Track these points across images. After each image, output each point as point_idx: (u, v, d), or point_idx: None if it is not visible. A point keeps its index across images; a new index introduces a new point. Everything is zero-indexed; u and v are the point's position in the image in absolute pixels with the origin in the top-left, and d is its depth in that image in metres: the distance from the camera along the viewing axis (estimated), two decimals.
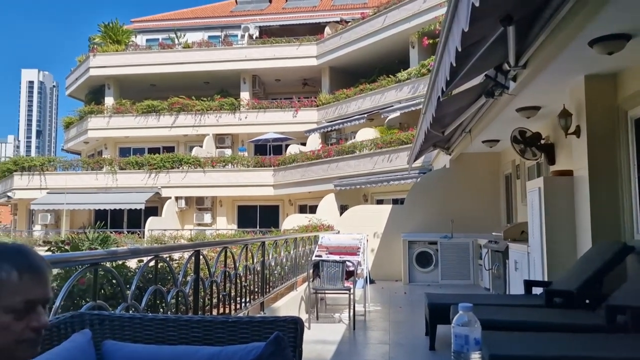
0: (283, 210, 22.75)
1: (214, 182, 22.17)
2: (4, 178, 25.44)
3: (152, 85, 25.56)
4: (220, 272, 4.40)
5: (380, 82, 19.81)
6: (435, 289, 8.91)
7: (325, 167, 18.93)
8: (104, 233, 14.15)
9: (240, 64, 23.49)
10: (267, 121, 23.12)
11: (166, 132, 24.11)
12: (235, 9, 29.75)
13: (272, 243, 6.32)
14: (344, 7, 26.95)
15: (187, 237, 20.41)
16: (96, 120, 24.62)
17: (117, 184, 22.80)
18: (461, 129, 8.33)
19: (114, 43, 25.27)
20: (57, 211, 23.38)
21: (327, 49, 22.18)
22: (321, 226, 13.32)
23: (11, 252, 1.11)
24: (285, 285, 6.81)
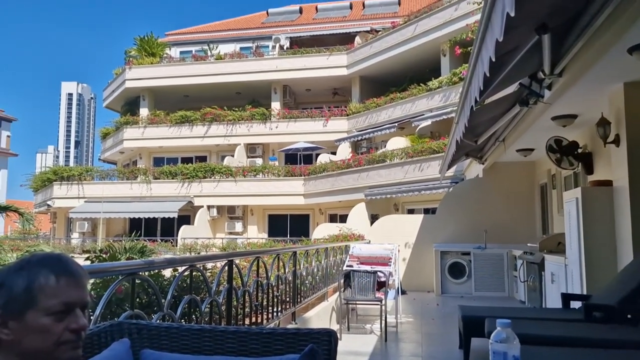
0: (313, 219, 22.78)
1: (245, 192, 22.40)
2: (44, 187, 26.31)
3: (186, 96, 26.08)
4: (252, 282, 4.44)
5: (411, 90, 19.70)
6: (469, 301, 8.76)
7: (355, 176, 18.89)
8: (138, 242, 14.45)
9: (271, 74, 23.76)
10: (298, 130, 23.27)
11: (199, 142, 24.53)
12: (266, 20, 30.15)
13: (303, 253, 6.33)
14: (375, 16, 26.98)
15: (218, 245, 20.64)
16: (131, 130, 25.25)
17: (151, 193, 23.28)
18: (494, 138, 8.20)
19: (149, 56, 25.92)
20: (94, 219, 24.02)
21: (357, 59, 22.22)
22: (352, 236, 13.28)
23: (49, 259, 1.19)
24: (316, 295, 6.81)
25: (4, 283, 1.14)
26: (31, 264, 1.17)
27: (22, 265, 1.17)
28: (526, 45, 4.01)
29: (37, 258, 1.19)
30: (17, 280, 1.13)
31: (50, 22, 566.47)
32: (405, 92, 20.06)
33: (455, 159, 9.50)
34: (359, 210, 17.02)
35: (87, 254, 5.62)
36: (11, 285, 1.13)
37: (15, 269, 1.16)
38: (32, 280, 1.13)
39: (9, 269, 1.17)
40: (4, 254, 14.99)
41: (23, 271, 1.15)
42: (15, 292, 1.12)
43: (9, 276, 1.15)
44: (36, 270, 1.15)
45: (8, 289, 1.13)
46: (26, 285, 1.13)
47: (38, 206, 27.79)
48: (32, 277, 1.14)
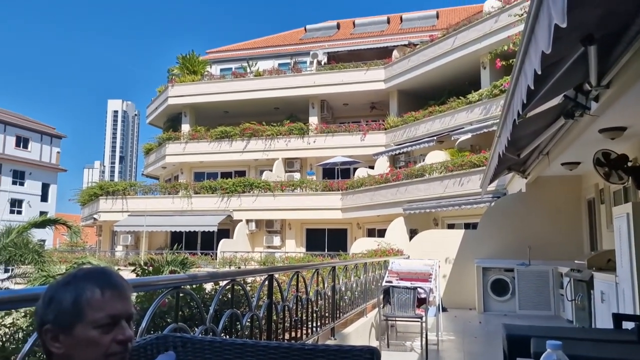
0: (351, 233, 22.68)
1: (283, 206, 22.55)
2: (90, 202, 27.26)
3: (225, 112, 26.62)
4: (292, 297, 4.44)
5: (450, 103, 19.49)
6: (513, 319, 8.49)
7: (394, 190, 18.74)
8: (179, 255, 14.72)
9: (309, 89, 23.99)
10: (335, 145, 23.33)
11: (238, 157, 24.92)
12: (304, 36, 30.55)
13: (342, 268, 6.30)
14: (412, 30, 26.93)
15: (257, 259, 20.80)
16: (173, 146, 25.92)
17: (191, 207, 23.75)
18: (538, 152, 7.99)
19: (190, 73, 26.65)
20: (137, 233, 24.67)
21: (395, 73, 22.18)
22: (390, 250, 13.14)
23: (94, 273, 1.24)
24: (355, 311, 6.75)
25: (53, 298, 1.17)
26: (77, 278, 1.21)
27: (68, 280, 1.21)
28: (571, 57, 3.90)
29: (82, 272, 1.23)
30: (65, 294, 1.17)
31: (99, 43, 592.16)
32: (444, 106, 19.85)
33: (497, 173, 9.29)
34: (398, 225, 16.85)
35: (132, 267, 5.76)
36: (60, 299, 1.17)
37: (63, 284, 1.20)
38: (79, 295, 1.17)
39: (57, 284, 1.21)
40: (53, 266, 15.56)
41: (70, 286, 1.19)
42: (64, 307, 1.16)
43: (57, 291, 1.18)
44: (82, 285, 1.19)
45: (57, 304, 1.16)
46: (74, 299, 1.16)
47: (85, 220, 28.79)
48: (79, 291, 1.17)
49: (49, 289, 1.20)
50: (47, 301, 1.17)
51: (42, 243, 21.61)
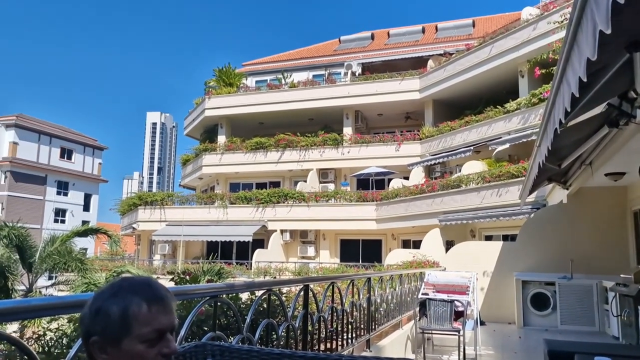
0: (386, 244, 22.49)
1: (317, 216, 22.58)
2: (130, 211, 27.98)
3: (261, 123, 26.96)
4: (327, 308, 4.42)
5: (487, 113, 19.17)
6: (554, 335, 8.22)
7: (429, 201, 18.51)
8: (215, 264, 14.90)
9: (343, 100, 24.05)
10: (370, 155, 23.25)
11: (272, 168, 25.15)
12: (338, 47, 30.71)
13: (377, 279, 6.25)
14: (448, 39, 26.71)
15: (291, 269, 20.85)
16: (210, 157, 26.38)
17: (227, 217, 24.06)
18: (580, 162, 7.75)
19: (226, 85, 27.14)
20: (174, 242, 25.14)
21: (430, 82, 22.01)
22: (426, 262, 12.96)
23: (140, 285, 1.23)
24: (390, 323, 6.67)
25: (101, 309, 1.17)
26: (124, 290, 1.20)
27: (115, 292, 1.20)
28: (615, 64, 3.78)
29: (128, 284, 1.22)
30: (112, 307, 1.17)
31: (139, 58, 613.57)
32: (480, 115, 19.54)
33: (537, 184, 9.05)
34: (433, 236, 16.62)
35: (171, 275, 5.87)
36: (108, 312, 1.17)
37: (110, 295, 1.20)
38: (126, 308, 1.17)
39: (103, 295, 1.20)
40: (94, 274, 16.01)
41: (117, 298, 1.18)
42: (112, 320, 1.16)
43: (104, 303, 1.18)
44: (129, 298, 1.18)
45: (105, 316, 1.17)
46: (121, 312, 1.16)
47: (124, 229, 29.55)
48: (126, 304, 1.17)
49: (96, 299, 1.20)
50: (94, 312, 1.18)
51: (84, 251, 22.27)
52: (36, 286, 17.01)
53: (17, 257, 16.38)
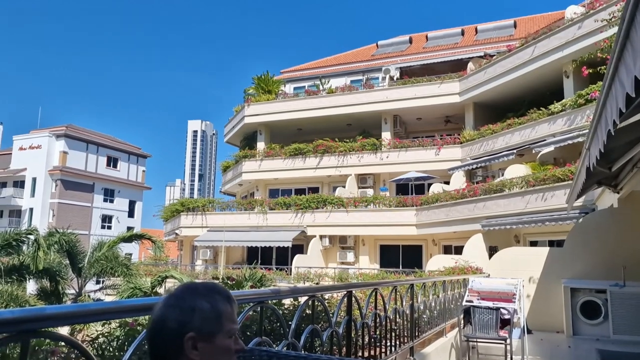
0: (426, 250, 22.17)
1: (356, 222, 22.50)
2: (172, 217, 28.65)
3: (299, 130, 27.14)
4: (370, 314, 4.39)
5: (530, 115, 18.67)
6: (606, 345, 7.87)
7: (471, 206, 18.14)
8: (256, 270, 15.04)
9: (381, 105, 23.94)
10: (409, 160, 23.02)
11: (311, 174, 25.24)
12: (376, 52, 30.62)
13: (420, 285, 6.15)
14: (488, 41, 26.21)
15: (331, 275, 20.83)
16: (249, 164, 26.73)
17: (267, 223, 24.29)
18: (632, 164, 7.42)
19: (265, 93, 27.49)
20: (216, 247, 25.57)
21: (470, 85, 21.64)
22: (469, 268, 12.70)
23: (219, 287, 1.34)
24: (434, 330, 6.56)
25: (196, 307, 1.25)
26: (208, 290, 1.30)
27: (201, 292, 1.28)
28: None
29: (207, 286, 1.32)
30: (205, 305, 1.26)
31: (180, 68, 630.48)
32: (523, 117, 19.05)
33: (586, 188, 8.72)
34: (476, 242, 16.27)
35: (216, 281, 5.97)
36: (202, 309, 1.25)
37: (197, 295, 1.27)
38: (218, 306, 1.27)
39: (194, 294, 1.28)
40: (139, 279, 16.45)
41: (205, 297, 1.27)
42: (208, 316, 1.25)
43: (197, 301, 1.26)
44: (215, 297, 1.28)
45: (201, 313, 1.25)
46: (215, 310, 1.26)
47: (167, 235, 30.27)
48: (215, 303, 1.27)
49: (183, 299, 1.27)
50: (189, 310, 1.24)
51: (129, 256, 22.94)
52: (85, 290, 17.62)
53: (67, 262, 17.03)
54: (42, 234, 16.43)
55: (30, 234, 16.12)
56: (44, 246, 15.30)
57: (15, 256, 15.43)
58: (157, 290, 14.36)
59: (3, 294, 13.41)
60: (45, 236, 16.34)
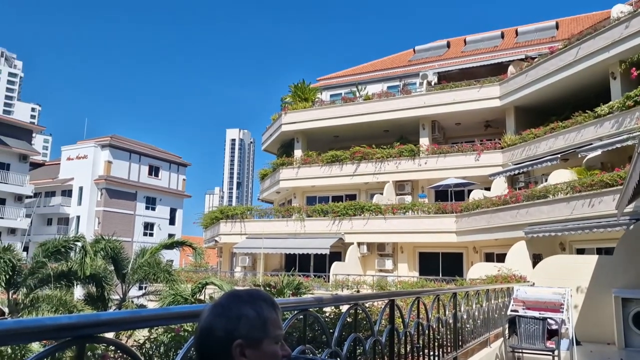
0: (467, 258, 21.71)
1: (394, 229, 22.26)
2: (212, 225, 29.10)
3: (336, 137, 27.15)
4: (413, 323, 4.31)
5: (574, 118, 18.07)
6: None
7: (513, 213, 17.66)
8: (294, 277, 15.08)
9: (419, 110, 23.69)
10: (448, 166, 22.65)
11: (348, 181, 25.18)
12: (413, 57, 30.38)
13: (463, 294, 6.01)
14: (529, 43, 25.62)
15: (369, 283, 20.65)
16: (287, 171, 26.90)
17: (304, 230, 24.34)
18: None
19: (302, 101, 27.67)
20: (254, 254, 25.79)
21: (511, 89, 21.15)
22: (512, 277, 12.37)
23: (263, 294, 1.35)
24: (478, 340, 6.39)
25: (242, 315, 1.27)
26: (252, 297, 1.31)
27: (245, 299, 1.30)
28: None
29: (251, 293, 1.33)
30: (252, 312, 1.28)
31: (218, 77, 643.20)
32: (568, 121, 18.45)
33: (637, 193, 8.37)
34: (519, 249, 15.83)
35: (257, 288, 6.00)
36: (248, 316, 1.27)
37: (242, 302, 1.30)
38: (262, 312, 1.28)
39: (239, 302, 1.30)
40: (180, 285, 16.75)
41: (250, 305, 1.29)
42: (254, 323, 1.26)
43: (242, 309, 1.28)
44: (260, 304, 1.30)
45: (247, 320, 1.27)
46: (261, 316, 1.28)
47: (207, 242, 30.76)
48: (260, 310, 1.29)
49: (229, 307, 1.29)
50: (235, 318, 1.26)
51: (170, 263, 23.41)
52: (129, 296, 18.07)
53: (112, 268, 17.53)
54: (88, 241, 16.97)
55: (78, 241, 16.67)
56: (91, 253, 15.79)
57: (63, 262, 15.96)
58: (197, 296, 14.58)
59: (53, 299, 13.91)
60: (91, 243, 16.88)
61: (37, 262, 14.83)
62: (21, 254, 17.04)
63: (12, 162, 39.89)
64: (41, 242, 16.61)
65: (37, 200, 43.83)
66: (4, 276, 13.19)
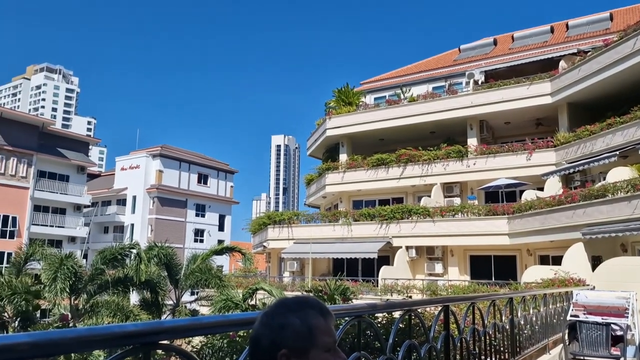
0: (521, 260, 21.02)
1: (443, 232, 21.85)
2: (260, 230, 29.49)
3: (381, 140, 26.96)
4: (469, 329, 4.20)
5: (634, 113, 17.20)
6: None
7: (569, 213, 16.96)
8: (342, 282, 15.03)
9: (465, 110, 23.20)
10: (498, 166, 22.03)
11: (394, 184, 24.92)
12: (458, 57, 29.82)
13: (519, 299, 5.81)
14: (581, 36, 24.62)
15: (419, 287, 20.32)
16: (332, 176, 26.92)
17: (351, 235, 24.26)
18: None
19: (346, 105, 27.65)
20: (302, 259, 25.93)
21: (563, 85, 20.37)
22: (570, 280, 11.88)
23: (311, 301, 1.33)
24: (536, 347, 6.16)
25: (286, 324, 1.25)
26: (299, 305, 1.29)
27: (292, 307, 1.28)
28: None
29: (299, 301, 1.31)
30: (296, 321, 1.25)
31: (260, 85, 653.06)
32: (626, 116, 17.60)
33: None
34: (576, 251, 15.20)
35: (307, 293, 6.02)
36: (293, 325, 1.25)
37: (287, 311, 1.28)
38: (309, 321, 1.26)
39: (280, 311, 1.28)
40: (231, 290, 17.04)
41: (296, 313, 1.27)
42: (299, 332, 1.24)
43: (286, 319, 1.26)
44: (307, 312, 1.27)
45: (292, 329, 1.25)
46: (307, 325, 1.25)
47: (255, 247, 31.18)
48: (307, 317, 1.26)
49: (274, 316, 1.28)
50: (279, 327, 1.25)
51: (220, 268, 23.84)
52: (181, 301, 18.55)
53: (165, 274, 18.04)
54: (142, 248, 17.56)
55: (133, 248, 17.28)
56: (145, 259, 16.31)
57: (120, 269, 16.56)
58: (248, 301, 14.78)
59: (111, 305, 14.45)
60: (145, 250, 17.43)
61: (96, 268, 15.46)
62: (81, 261, 17.81)
63: (71, 173, 41.85)
64: (99, 249, 17.31)
65: (95, 210, 45.81)
66: (67, 282, 13.82)
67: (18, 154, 37.30)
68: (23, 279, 14.82)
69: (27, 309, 13.82)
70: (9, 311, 14.00)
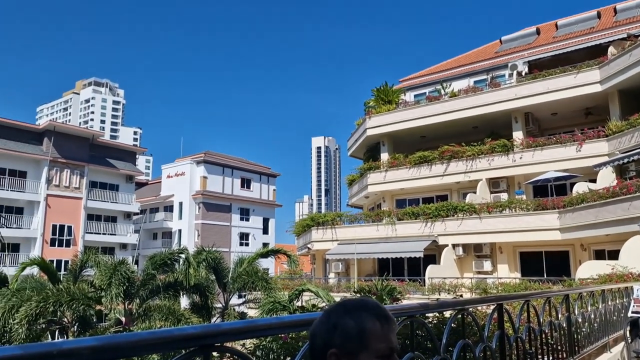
0: (574, 256, 20.26)
1: (491, 228, 21.33)
2: (304, 232, 29.65)
3: (422, 137, 26.61)
4: (524, 328, 4.07)
5: None
6: None
7: (625, 205, 16.22)
8: (388, 282, 14.90)
9: (509, 103, 22.59)
10: (545, 159, 21.33)
11: (438, 181, 24.54)
12: (500, 49, 29.09)
13: (576, 296, 5.59)
14: (631, 20, 23.54)
15: (467, 285, 19.93)
16: (374, 175, 26.76)
17: (396, 234, 24.04)
18: None
19: (385, 103, 27.45)
20: (347, 260, 25.89)
21: (613, 71, 19.53)
22: (628, 275, 11.38)
23: (369, 304, 1.29)
24: (595, 345, 5.91)
25: (338, 325, 1.24)
26: (355, 307, 1.27)
27: (348, 309, 1.27)
28: None
29: (357, 303, 1.29)
30: (349, 322, 1.23)
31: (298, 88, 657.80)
32: None
33: None
34: (635, 245, 14.51)
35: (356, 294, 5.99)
36: (345, 327, 1.23)
37: (344, 312, 1.26)
38: (362, 324, 1.23)
39: (337, 312, 1.27)
40: (277, 292, 17.19)
41: (351, 314, 1.25)
42: (350, 334, 1.22)
43: (339, 319, 1.25)
44: (360, 314, 1.24)
45: (343, 331, 1.23)
46: (359, 328, 1.22)
47: (300, 249, 31.37)
48: (361, 320, 1.23)
49: (330, 315, 1.28)
50: (332, 327, 1.25)
51: (266, 271, 24.11)
52: (230, 304, 18.87)
53: (213, 277, 18.41)
54: (191, 253, 17.98)
55: (182, 253, 17.71)
56: (194, 264, 16.70)
57: (170, 274, 17.02)
58: (295, 303, 14.87)
59: (163, 309, 14.86)
60: (194, 255, 17.85)
61: (147, 274, 15.94)
62: (133, 267, 18.42)
63: (121, 183, 43.40)
64: (149, 255, 17.84)
65: (143, 217, 47.28)
66: (122, 288, 14.31)
67: (71, 165, 39.00)
68: (80, 285, 15.44)
69: (84, 314, 14.39)
70: (68, 316, 14.62)
